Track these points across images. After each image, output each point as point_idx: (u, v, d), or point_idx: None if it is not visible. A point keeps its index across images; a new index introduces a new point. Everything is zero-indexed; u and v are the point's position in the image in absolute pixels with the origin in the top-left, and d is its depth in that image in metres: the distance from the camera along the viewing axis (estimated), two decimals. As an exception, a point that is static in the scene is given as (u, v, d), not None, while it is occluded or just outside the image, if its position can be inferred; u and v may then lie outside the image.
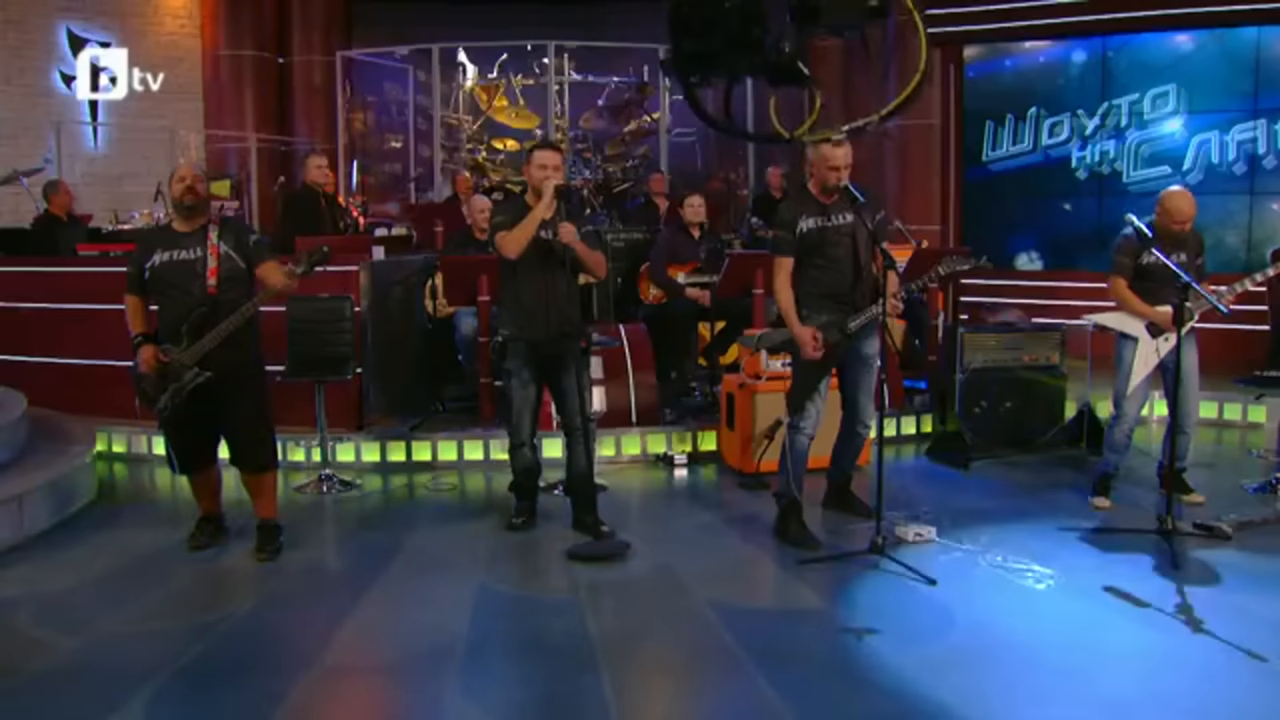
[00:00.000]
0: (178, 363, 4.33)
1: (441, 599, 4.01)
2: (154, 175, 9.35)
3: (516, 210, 4.76)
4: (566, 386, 4.69)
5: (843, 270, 4.56)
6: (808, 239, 4.54)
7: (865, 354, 4.65)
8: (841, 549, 4.47)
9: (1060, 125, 9.89)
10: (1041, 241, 10.08)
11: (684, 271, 7.30)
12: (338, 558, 4.67)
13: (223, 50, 11.53)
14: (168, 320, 4.42)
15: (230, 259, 4.44)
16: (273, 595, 4.12)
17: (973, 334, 6.21)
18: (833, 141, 4.48)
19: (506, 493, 5.14)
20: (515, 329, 4.72)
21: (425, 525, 5.09)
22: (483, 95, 11.08)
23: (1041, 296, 9.31)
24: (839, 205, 4.54)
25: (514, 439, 4.87)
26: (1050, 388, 6.28)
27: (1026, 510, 5.10)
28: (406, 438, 6.14)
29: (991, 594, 3.98)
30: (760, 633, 3.66)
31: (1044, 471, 5.85)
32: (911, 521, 4.69)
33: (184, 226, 4.48)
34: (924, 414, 6.72)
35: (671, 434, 6.24)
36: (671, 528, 4.95)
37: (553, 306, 4.64)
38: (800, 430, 4.62)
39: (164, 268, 4.42)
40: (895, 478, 5.74)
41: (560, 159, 4.77)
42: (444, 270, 6.53)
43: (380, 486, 5.77)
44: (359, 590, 4.08)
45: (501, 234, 4.67)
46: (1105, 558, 4.38)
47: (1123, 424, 5.10)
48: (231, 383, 4.41)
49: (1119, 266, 5.05)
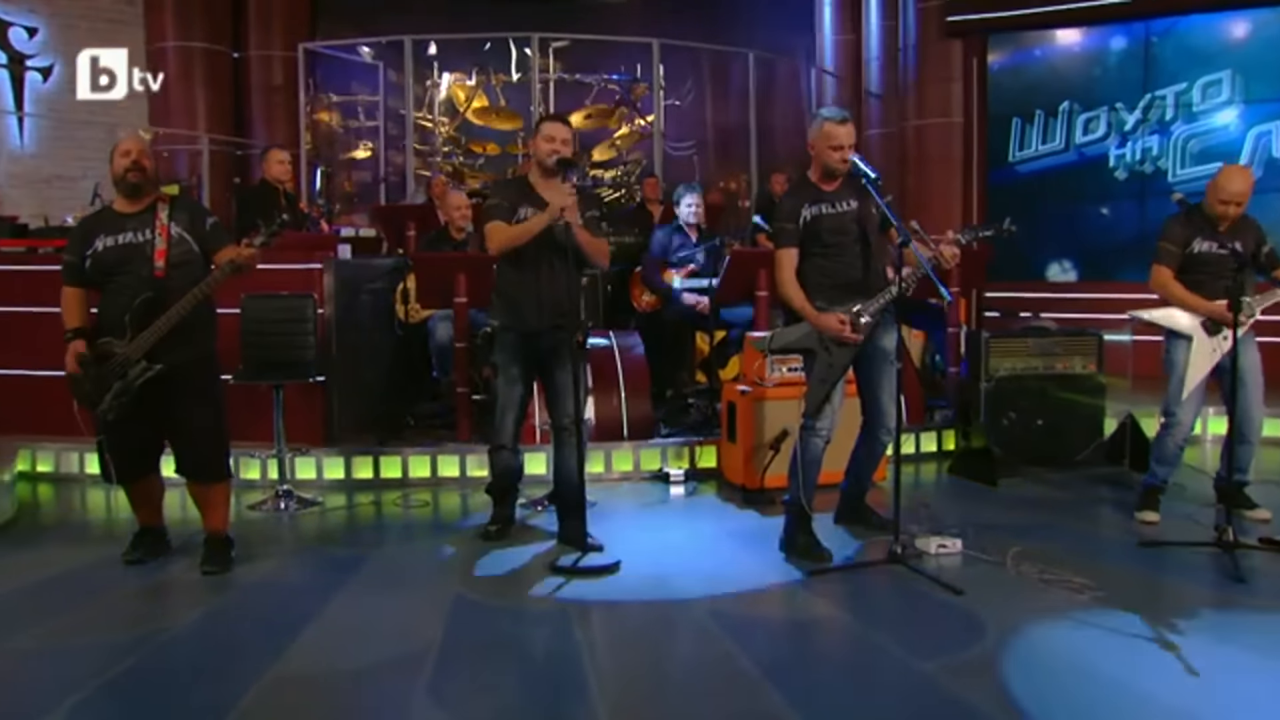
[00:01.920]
0: (122, 357, 4.24)
1: (410, 610, 3.97)
2: (91, 178, 9.23)
3: (516, 191, 4.71)
4: (561, 383, 4.65)
5: (852, 258, 4.57)
6: (812, 228, 4.55)
7: (885, 349, 4.64)
8: (856, 559, 4.45)
9: (1096, 121, 9.91)
10: (1075, 250, 10.07)
11: (680, 276, 7.32)
12: (294, 571, 4.62)
13: (169, 41, 11.36)
14: (111, 312, 4.31)
15: (183, 241, 4.36)
16: (218, 608, 4.07)
17: (999, 339, 6.21)
18: (835, 119, 4.51)
19: (484, 509, 5.10)
20: (507, 319, 4.70)
21: (394, 541, 5.07)
22: (459, 94, 11.17)
23: (1075, 310, 9.14)
24: (843, 191, 4.57)
25: (495, 439, 4.84)
26: (1087, 398, 6.24)
27: (1062, 525, 5.07)
28: (374, 453, 6.10)
29: (1026, 604, 3.94)
30: (767, 642, 3.63)
31: (1081, 489, 5.82)
32: (933, 533, 4.66)
33: (128, 207, 4.40)
34: (946, 429, 6.70)
35: (667, 449, 6.23)
36: (667, 541, 4.93)
37: (549, 296, 4.61)
38: (815, 432, 4.57)
39: (107, 254, 4.32)
40: (916, 493, 5.73)
41: (571, 134, 4.74)
42: (417, 269, 6.53)
43: (344, 504, 5.73)
44: (317, 602, 4.03)
45: (495, 224, 4.61)
46: (1156, 570, 4.35)
47: (1175, 433, 4.98)
48: (182, 382, 4.32)
49: (1164, 254, 4.93)
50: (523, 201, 4.67)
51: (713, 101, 12.94)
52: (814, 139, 4.55)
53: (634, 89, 11.63)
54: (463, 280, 6.29)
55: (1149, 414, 5.22)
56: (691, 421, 6.73)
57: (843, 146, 4.47)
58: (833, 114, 4.54)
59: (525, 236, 4.56)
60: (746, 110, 11.70)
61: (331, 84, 11.61)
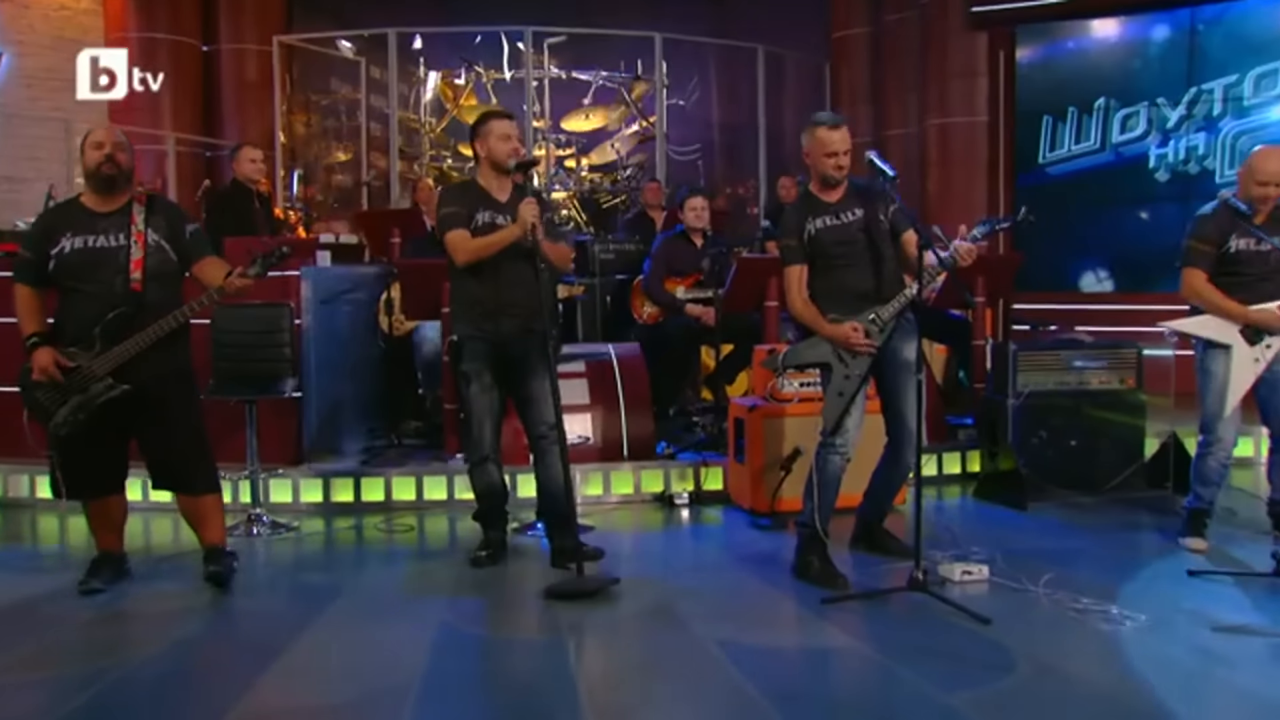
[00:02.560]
0: (86, 371, 4.22)
1: (393, 640, 3.95)
2: (45, 179, 9.04)
3: (471, 197, 4.76)
4: (534, 392, 4.69)
5: (862, 269, 4.62)
6: (818, 242, 4.62)
7: (905, 358, 4.65)
8: (874, 587, 4.44)
9: (1135, 118, 9.85)
10: (1112, 258, 10.02)
11: (684, 285, 7.33)
12: (266, 601, 4.61)
13: (131, 32, 11.26)
14: (76, 320, 4.28)
15: (160, 250, 4.34)
16: (182, 640, 4.04)
17: (1028, 352, 6.19)
18: (828, 124, 4.58)
19: (474, 535, 5.09)
20: (471, 328, 4.73)
21: (375, 568, 5.06)
22: (448, 92, 11.23)
23: (1112, 323, 9.06)
24: (846, 200, 4.65)
25: (474, 453, 4.84)
26: (1125, 417, 6.21)
27: (1099, 551, 5.05)
28: (355, 474, 6.10)
29: (1060, 635, 3.92)
30: (778, 672, 3.62)
31: (1119, 514, 5.78)
32: (958, 560, 4.65)
33: (100, 205, 4.35)
34: (970, 450, 6.69)
35: (670, 470, 6.22)
36: (671, 566, 4.93)
37: (514, 301, 4.65)
38: (834, 449, 4.58)
39: (75, 257, 4.27)
40: (938, 517, 5.72)
41: (518, 130, 4.82)
42: (401, 278, 6.55)
43: (322, 529, 5.72)
44: (290, 634, 4.01)
45: (458, 233, 4.66)
46: (1207, 600, 4.29)
47: (1216, 451, 4.95)
48: (160, 395, 4.32)
49: (1196, 256, 4.90)
50: (479, 206, 4.72)
51: (719, 101, 13.00)
52: (808, 147, 4.63)
53: (634, 87, 11.70)
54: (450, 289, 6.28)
55: (1194, 434, 5.20)
56: (696, 441, 6.72)
57: (837, 153, 4.55)
58: (825, 119, 4.61)
59: (496, 248, 4.62)
60: (755, 110, 11.77)
61: (310, 81, 11.65)
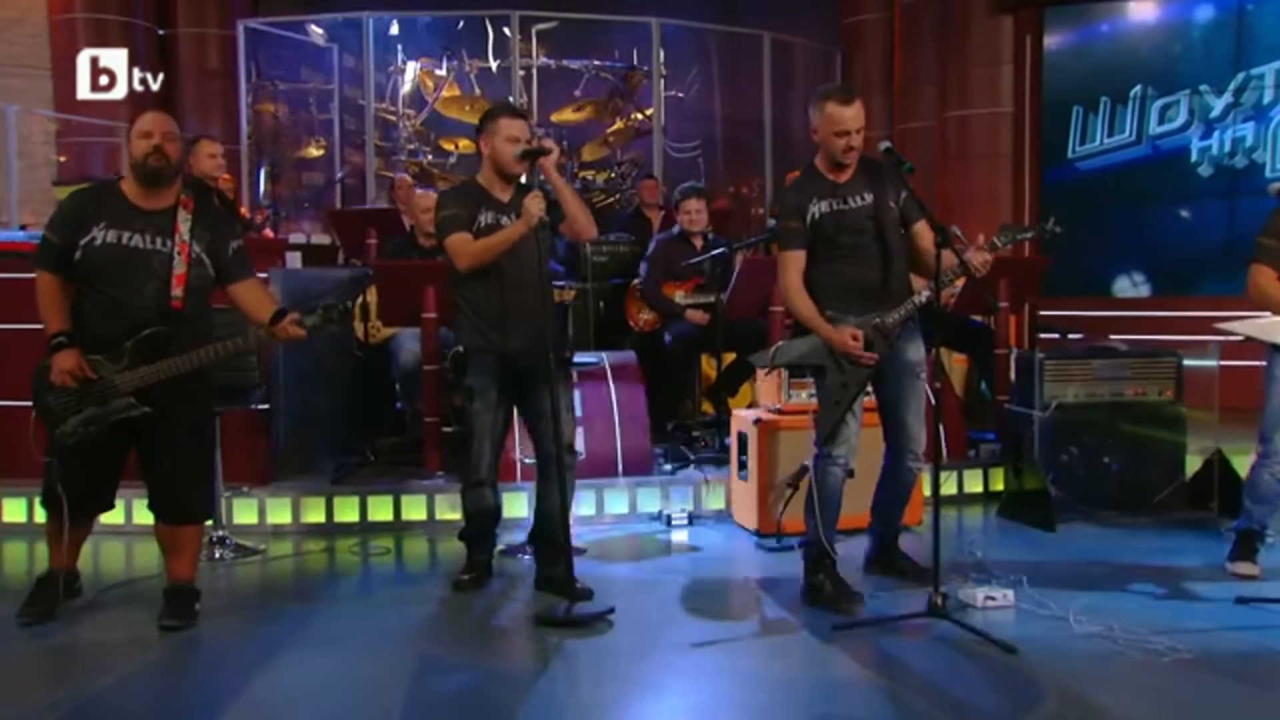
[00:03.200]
0: (107, 384, 4.18)
1: (365, 673, 3.95)
2: None
3: (472, 199, 4.78)
4: (547, 406, 4.65)
5: (869, 259, 4.60)
6: (821, 227, 4.59)
7: (909, 361, 4.67)
8: (889, 613, 4.44)
9: (1175, 107, 9.81)
10: (1148, 260, 10.01)
11: (683, 290, 7.35)
12: (228, 630, 4.57)
13: (77, 12, 11.15)
14: (99, 326, 4.21)
15: (201, 264, 4.30)
16: (133, 674, 4.02)
17: (1056, 361, 6.20)
18: (839, 98, 4.54)
19: (456, 557, 5.10)
20: (478, 339, 4.73)
21: (349, 594, 5.05)
22: (428, 82, 11.25)
23: (1148, 331, 9.14)
24: (856, 183, 4.62)
25: (471, 475, 4.84)
26: (1164, 432, 6.20)
27: (1136, 576, 5.03)
28: (327, 493, 6.09)
29: (1094, 666, 3.92)
30: (787, 706, 3.63)
31: (1159, 536, 5.77)
32: (980, 584, 4.66)
33: (143, 199, 4.27)
34: (993, 466, 6.71)
35: (668, 488, 6.24)
36: (670, 592, 4.93)
37: (526, 312, 4.64)
38: (833, 461, 4.59)
39: (106, 253, 4.18)
40: (959, 538, 5.74)
41: (529, 129, 4.80)
42: (378, 280, 6.57)
43: (290, 552, 5.71)
44: (255, 666, 4.00)
45: (459, 236, 4.66)
46: (1257, 632, 4.27)
47: (1274, 464, 4.92)
48: (177, 417, 4.27)
49: (1265, 251, 4.84)
50: (480, 207, 4.74)
51: (721, 92, 13.03)
52: (816, 123, 4.58)
53: (630, 78, 11.70)
54: (431, 294, 6.30)
55: (1241, 451, 5.17)
56: (696, 456, 6.74)
57: (849, 131, 4.50)
58: (836, 92, 4.58)
59: (500, 249, 4.62)
60: (760, 102, 11.79)
61: (277, 69, 11.61)
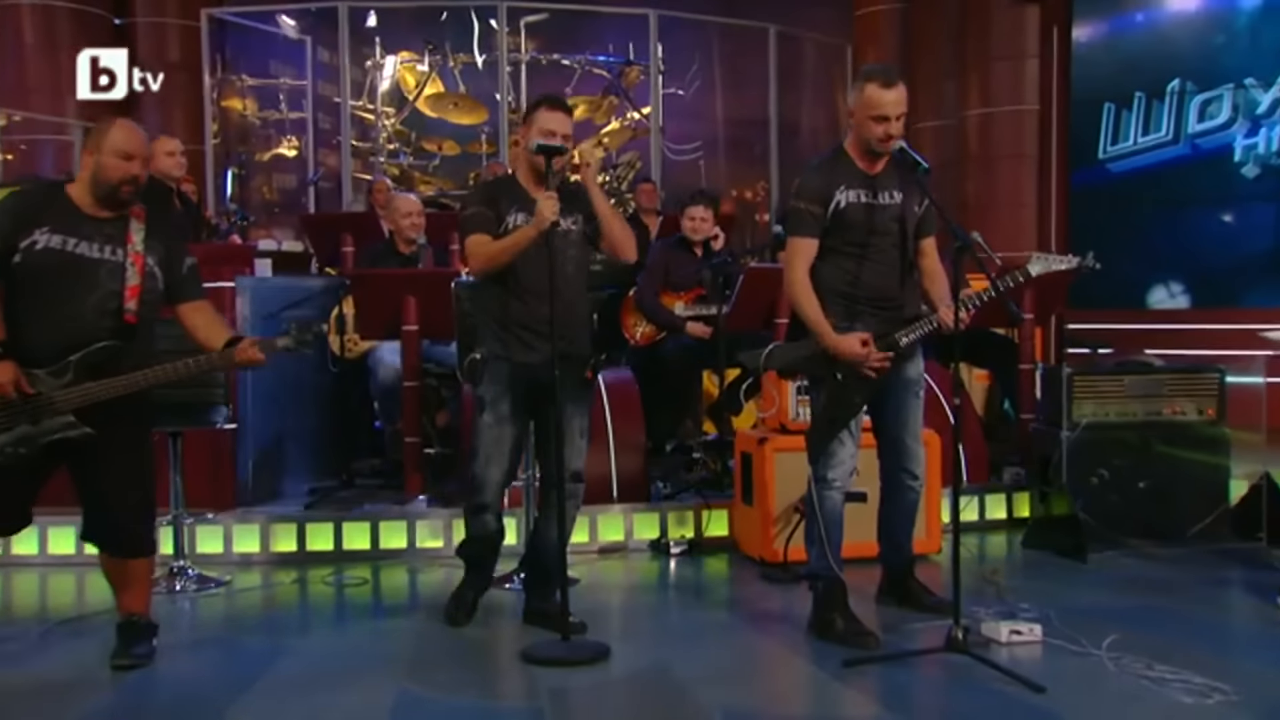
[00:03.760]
0: (45, 400, 4.12)
1: (343, 710, 3.94)
2: None
3: (503, 194, 4.72)
4: (564, 426, 4.60)
5: (887, 265, 4.57)
6: (845, 219, 4.51)
7: (909, 377, 4.68)
8: (904, 648, 4.43)
9: (1217, 103, 9.72)
10: (1187, 269, 9.92)
11: (683, 301, 7.37)
12: (189, 668, 4.55)
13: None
14: (37, 337, 4.14)
15: (154, 277, 4.29)
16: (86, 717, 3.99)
17: (1086, 378, 6.19)
18: (880, 80, 4.44)
19: (437, 588, 5.10)
20: (499, 347, 4.71)
21: (322, 628, 5.06)
22: (408, 79, 11.29)
23: (1187, 345, 8.99)
24: (887, 177, 4.56)
25: (476, 496, 4.75)
26: (1205, 454, 6.17)
27: (1176, 610, 5.04)
28: (299, 519, 6.10)
29: (1129, 707, 3.90)
30: (795, 747, 3.63)
31: (1200, 566, 5.75)
32: (1004, 618, 4.65)
33: (92, 208, 4.22)
34: (1018, 491, 6.73)
35: (666, 513, 6.25)
36: (668, 625, 4.95)
37: (547, 323, 4.54)
38: (830, 484, 4.58)
39: (49, 258, 4.12)
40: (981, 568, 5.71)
41: (571, 126, 4.74)
42: (355, 290, 6.58)
43: (259, 584, 5.71)
44: (220, 704, 3.97)
45: (477, 238, 4.62)
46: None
47: None
48: (116, 438, 4.24)
49: None
50: (512, 206, 4.67)
51: (724, 90, 13.09)
52: (853, 106, 4.51)
53: (626, 74, 11.77)
54: (413, 304, 6.33)
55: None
56: (697, 479, 6.75)
57: (888, 118, 4.41)
58: (878, 73, 4.48)
59: (512, 252, 4.57)
60: (766, 100, 11.84)
61: (246, 63, 11.62)
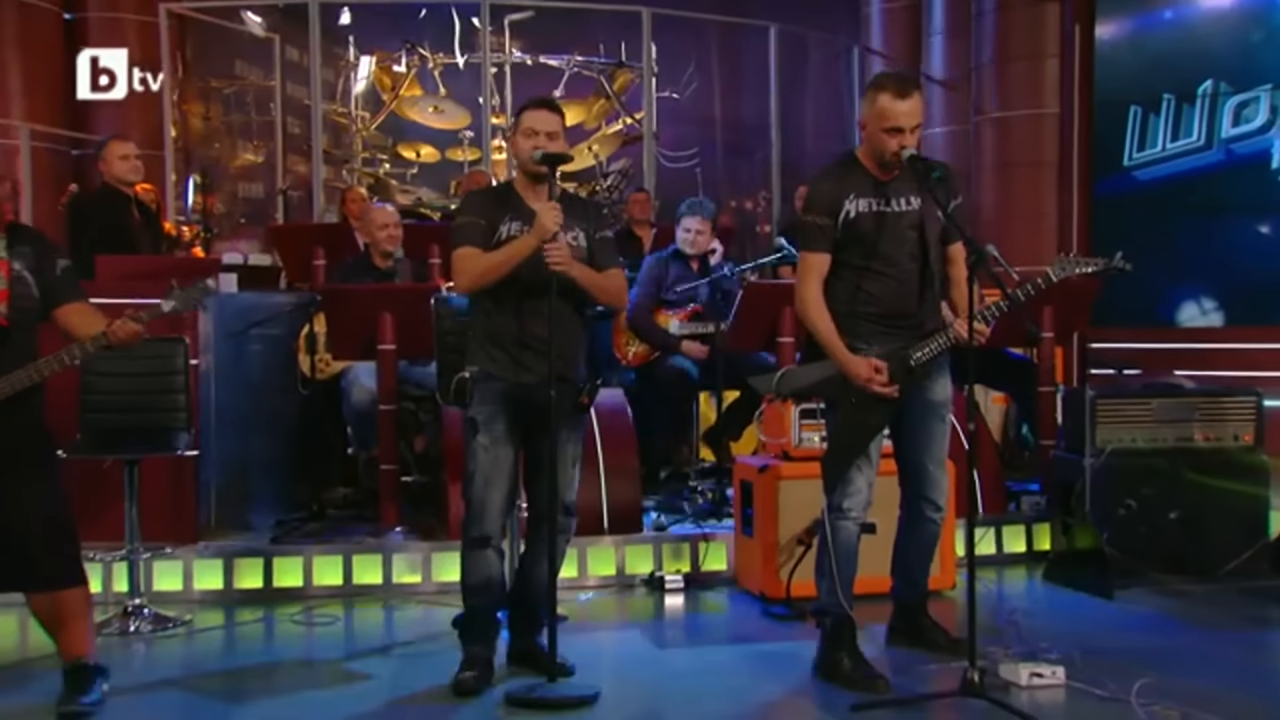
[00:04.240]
0: None
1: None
2: None
3: (497, 203, 4.71)
4: (557, 454, 4.59)
5: (905, 279, 4.57)
6: (856, 229, 4.53)
7: (934, 400, 4.67)
8: (917, 691, 4.43)
9: (1252, 105, 9.71)
10: (1220, 284, 9.93)
11: (678, 318, 7.37)
12: (144, 716, 4.53)
13: None
14: None
15: (23, 282, 4.33)
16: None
17: (1110, 401, 6.18)
18: (893, 90, 4.47)
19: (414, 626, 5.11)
20: (490, 365, 4.70)
21: (289, 670, 5.02)
22: (384, 80, 11.30)
23: (1221, 365, 9.04)
24: (902, 183, 4.57)
25: (475, 527, 4.66)
26: (1241, 483, 6.16)
27: (1211, 651, 5.03)
28: (265, 553, 6.07)
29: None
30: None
31: (1238, 605, 5.74)
32: (1025, 659, 4.63)
33: None
34: (1038, 522, 6.72)
35: (661, 546, 6.24)
36: (663, 667, 4.93)
37: (544, 344, 4.54)
38: (845, 514, 4.58)
39: None
40: (999, 605, 5.74)
41: (561, 124, 4.74)
42: (327, 307, 6.57)
43: (221, 623, 5.69)
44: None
45: (466, 251, 4.59)
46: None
47: None
48: (10, 456, 4.27)
49: None
50: (506, 216, 4.64)
51: (722, 93, 13.12)
52: (865, 117, 4.55)
53: (617, 76, 11.78)
54: (389, 322, 6.33)
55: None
56: (694, 510, 6.74)
57: (902, 130, 4.43)
58: (890, 82, 4.50)
59: (507, 266, 4.53)
60: (767, 104, 11.86)
61: (208, 62, 11.62)
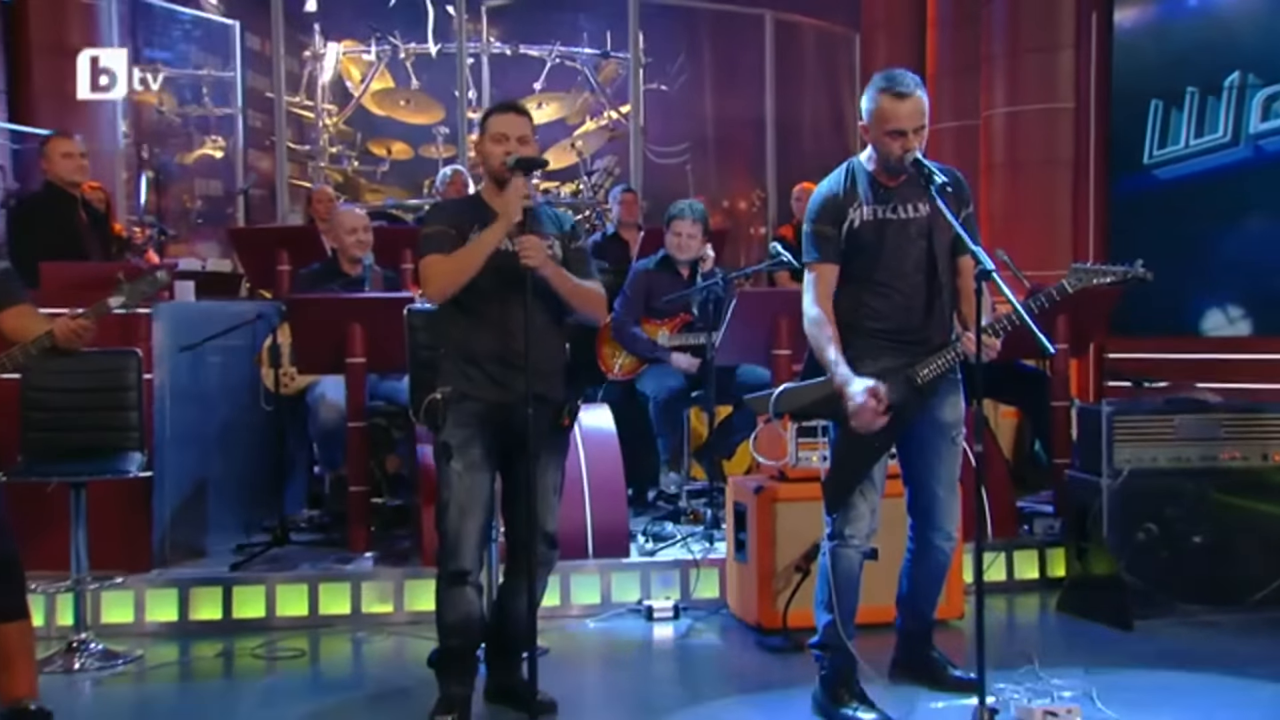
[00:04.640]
0: None
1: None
2: None
3: (466, 212, 4.74)
4: (537, 480, 4.57)
5: (911, 293, 4.58)
6: (860, 238, 4.56)
7: (943, 421, 4.66)
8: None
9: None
10: (1247, 290, 9.81)
11: (667, 329, 7.37)
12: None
13: None
14: None
15: None
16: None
17: (1129, 417, 6.16)
18: (894, 91, 4.49)
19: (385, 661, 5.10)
20: (464, 383, 4.69)
21: (250, 709, 5.03)
22: (353, 72, 11.28)
23: (1248, 378, 8.88)
24: (909, 189, 4.58)
25: (451, 561, 4.63)
26: (1271, 504, 6.14)
27: (1238, 688, 5.04)
28: (224, 581, 6.06)
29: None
30: None
31: (1264, 636, 5.75)
32: (1038, 696, 4.64)
33: None
34: (1051, 547, 6.72)
35: (650, 572, 6.24)
36: (650, 702, 4.95)
37: (520, 359, 4.52)
38: (847, 541, 4.58)
39: None
40: (1010, 636, 5.74)
41: (530, 128, 4.77)
42: (292, 316, 6.57)
43: (175, 658, 5.66)
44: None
45: (433, 258, 4.62)
46: None
47: None
48: None
49: None
50: (476, 223, 4.67)
51: (714, 85, 13.13)
52: (866, 119, 4.57)
53: (602, 67, 11.79)
54: (358, 333, 6.32)
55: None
56: (684, 533, 6.72)
57: (905, 133, 4.45)
58: (890, 83, 4.50)
59: (475, 260, 4.56)
60: (762, 97, 11.88)
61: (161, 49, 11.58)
